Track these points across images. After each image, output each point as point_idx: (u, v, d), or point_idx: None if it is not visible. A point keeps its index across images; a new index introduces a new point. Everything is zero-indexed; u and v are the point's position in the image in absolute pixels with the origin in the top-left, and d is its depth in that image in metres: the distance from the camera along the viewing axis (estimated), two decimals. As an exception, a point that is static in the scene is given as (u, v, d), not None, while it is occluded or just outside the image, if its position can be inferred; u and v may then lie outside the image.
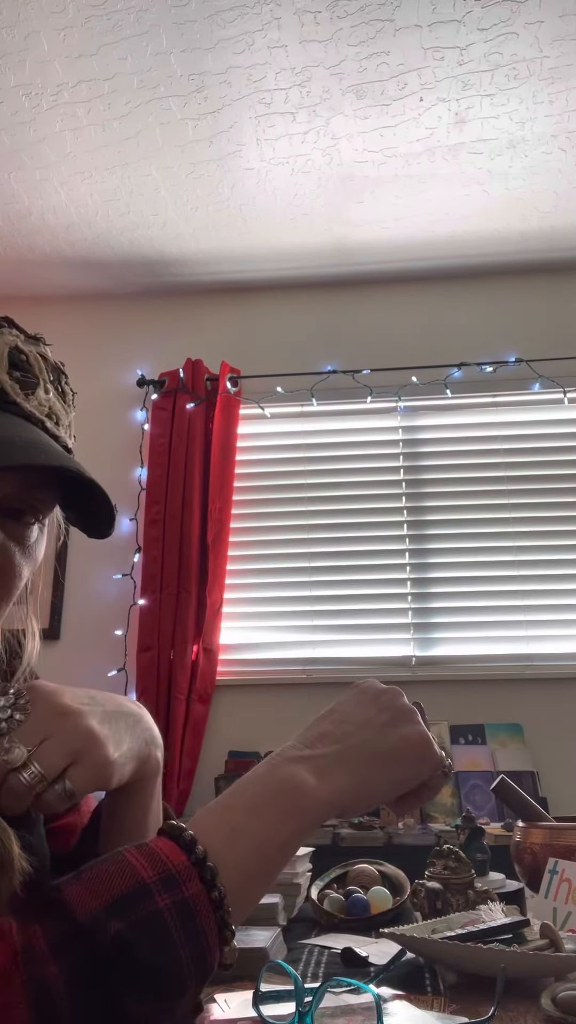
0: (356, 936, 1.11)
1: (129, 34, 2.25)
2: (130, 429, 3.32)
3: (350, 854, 1.75)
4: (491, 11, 2.19)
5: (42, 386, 0.68)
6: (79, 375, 3.39)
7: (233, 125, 2.58)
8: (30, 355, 0.68)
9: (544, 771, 2.72)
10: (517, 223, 3.09)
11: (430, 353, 3.29)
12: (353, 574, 3.09)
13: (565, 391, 3.18)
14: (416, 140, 2.65)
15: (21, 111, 2.50)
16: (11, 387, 0.65)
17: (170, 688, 2.88)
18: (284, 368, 3.31)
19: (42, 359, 0.70)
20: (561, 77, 2.40)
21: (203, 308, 3.50)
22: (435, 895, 1.11)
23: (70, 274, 3.39)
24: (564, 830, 1.20)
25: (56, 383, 0.71)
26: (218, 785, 2.70)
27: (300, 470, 3.25)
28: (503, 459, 3.17)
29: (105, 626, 3.07)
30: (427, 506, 3.16)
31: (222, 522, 3.07)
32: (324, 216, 3.03)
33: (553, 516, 3.08)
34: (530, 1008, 0.76)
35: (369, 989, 0.70)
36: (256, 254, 3.27)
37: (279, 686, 2.96)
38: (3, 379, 0.64)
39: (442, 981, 0.86)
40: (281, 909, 1.15)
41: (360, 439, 3.28)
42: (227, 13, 2.20)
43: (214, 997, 0.80)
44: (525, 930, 0.94)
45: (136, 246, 3.20)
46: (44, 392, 0.68)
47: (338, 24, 2.23)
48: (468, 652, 2.97)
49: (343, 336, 3.38)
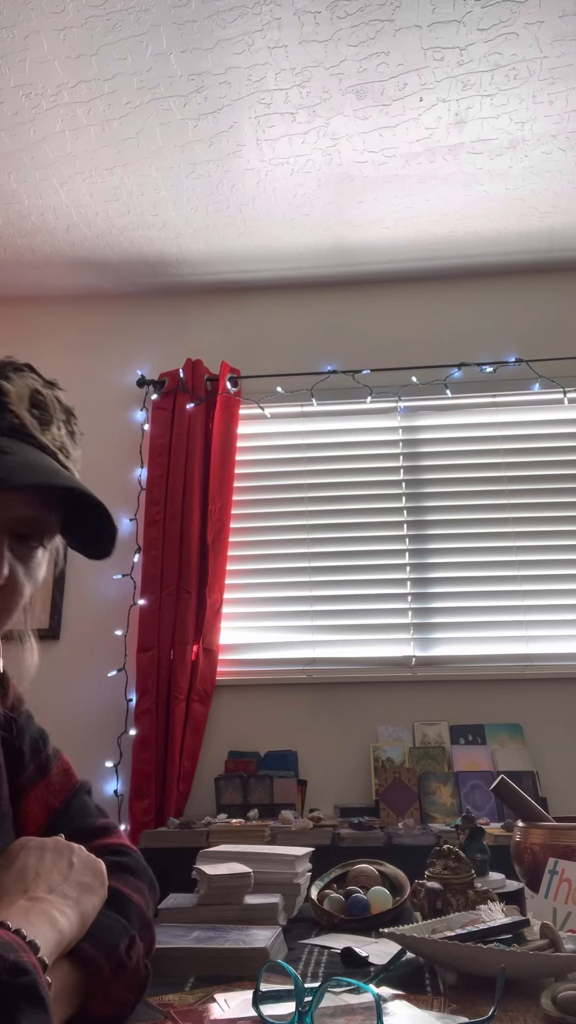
0: (356, 936, 1.11)
1: (129, 34, 2.25)
2: (130, 429, 3.32)
3: (350, 854, 1.75)
4: (491, 11, 2.19)
5: (55, 423, 0.78)
6: (79, 375, 3.41)
7: (233, 125, 2.58)
8: (47, 396, 0.78)
9: (544, 771, 2.72)
10: (517, 223, 3.09)
11: (430, 353, 3.29)
12: (353, 574, 3.09)
13: (565, 391, 3.18)
14: (416, 140, 2.65)
15: (21, 111, 2.50)
16: (31, 422, 0.75)
17: (170, 688, 2.88)
18: (284, 368, 3.31)
19: (57, 401, 0.80)
20: (561, 77, 2.40)
21: (203, 308, 3.50)
22: (435, 895, 1.11)
23: (70, 274, 3.39)
24: (564, 830, 1.20)
25: (67, 423, 0.81)
26: (218, 785, 2.70)
27: (300, 470, 3.25)
28: (503, 459, 3.17)
29: (105, 626, 3.07)
30: (427, 506, 3.16)
31: (222, 522, 3.07)
32: (324, 216, 3.03)
33: (553, 516, 3.08)
34: (530, 1008, 0.76)
35: (369, 989, 0.70)
36: (256, 254, 3.27)
37: (279, 686, 2.96)
38: (24, 415, 0.75)
39: (442, 981, 0.86)
40: (281, 909, 1.15)
41: (360, 439, 3.28)
42: (227, 13, 2.20)
43: (214, 997, 0.80)
44: (525, 930, 0.94)
45: (136, 246, 3.20)
46: (57, 429, 0.78)
47: (338, 24, 2.23)
48: (468, 652, 2.97)
49: (343, 336, 3.38)
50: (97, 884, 0.75)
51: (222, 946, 0.93)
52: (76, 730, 2.90)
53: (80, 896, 0.72)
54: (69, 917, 0.69)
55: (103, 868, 0.77)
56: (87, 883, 0.74)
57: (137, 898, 0.78)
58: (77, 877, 0.74)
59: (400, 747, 2.78)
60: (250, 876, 1.13)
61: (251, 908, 1.11)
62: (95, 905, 0.73)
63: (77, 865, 0.75)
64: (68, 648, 3.07)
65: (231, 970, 0.90)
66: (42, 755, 0.88)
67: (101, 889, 0.75)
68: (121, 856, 0.82)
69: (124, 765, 2.86)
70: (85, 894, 0.73)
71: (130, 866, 0.82)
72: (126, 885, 0.78)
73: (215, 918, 1.08)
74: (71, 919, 0.69)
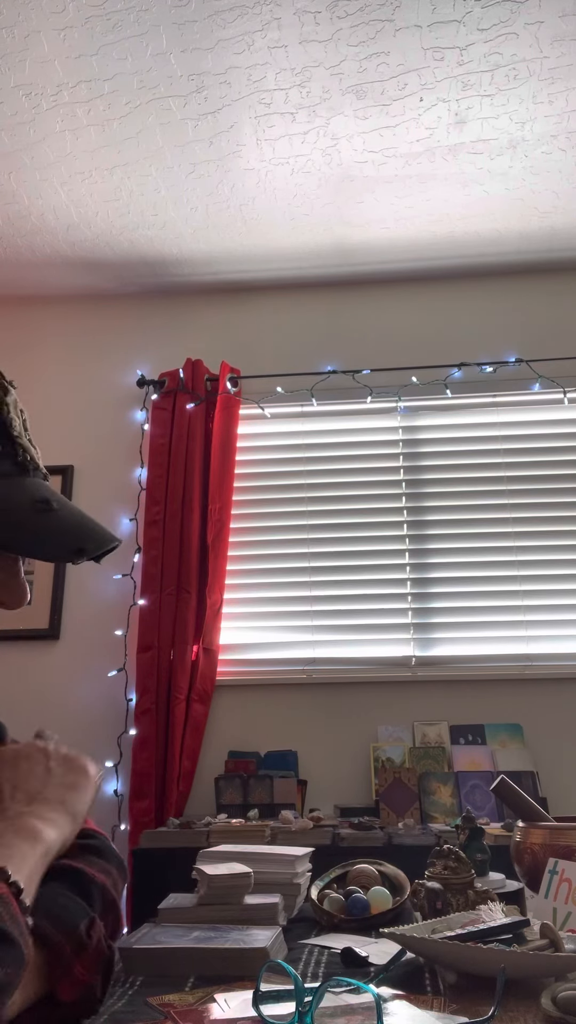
0: (356, 936, 1.11)
1: (129, 34, 2.25)
2: (130, 429, 3.32)
3: (350, 854, 1.75)
4: (491, 11, 2.19)
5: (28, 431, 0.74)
6: (79, 375, 3.41)
7: (233, 125, 2.58)
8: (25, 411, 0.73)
9: (544, 771, 2.72)
10: (517, 223, 3.09)
11: (430, 353, 3.29)
12: (353, 574, 3.09)
13: (565, 391, 3.18)
14: (416, 140, 2.65)
15: (21, 111, 2.50)
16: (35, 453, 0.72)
17: (170, 688, 2.88)
18: (284, 368, 3.31)
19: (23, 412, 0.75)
20: (561, 77, 2.40)
21: (203, 308, 3.50)
22: (435, 895, 1.11)
23: (70, 274, 3.39)
24: (564, 830, 1.20)
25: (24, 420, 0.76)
26: (218, 785, 2.70)
27: (300, 470, 3.25)
28: (503, 459, 3.17)
29: (105, 626, 3.07)
30: (427, 506, 3.16)
31: (222, 522, 3.07)
32: (324, 216, 3.03)
33: (553, 516, 3.08)
34: (530, 1008, 0.76)
35: (369, 989, 0.70)
36: (256, 254, 3.27)
37: (279, 686, 2.96)
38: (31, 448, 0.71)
39: (442, 981, 0.86)
40: (281, 909, 1.15)
41: (360, 439, 3.28)
42: (227, 13, 2.20)
43: (214, 997, 0.80)
44: (525, 930, 0.94)
45: (136, 246, 3.20)
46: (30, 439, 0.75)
47: (338, 24, 2.23)
48: (468, 652, 2.97)
49: (343, 336, 3.38)
50: (82, 779, 0.73)
51: (222, 946, 0.94)
52: (76, 730, 2.91)
53: (66, 795, 0.70)
54: (57, 822, 0.67)
55: (84, 762, 0.75)
56: (71, 781, 0.72)
57: (102, 878, 0.75)
58: (59, 779, 0.72)
59: (400, 747, 2.78)
60: (250, 876, 1.13)
61: (251, 908, 1.11)
62: (85, 801, 0.71)
63: (55, 768, 0.73)
64: (68, 648, 3.07)
65: (231, 970, 0.90)
66: None
67: (87, 782, 0.73)
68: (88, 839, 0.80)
69: (124, 765, 2.86)
70: (71, 792, 0.71)
71: (97, 847, 0.79)
72: (90, 865, 0.76)
73: (215, 918, 1.08)
74: (60, 823, 0.67)
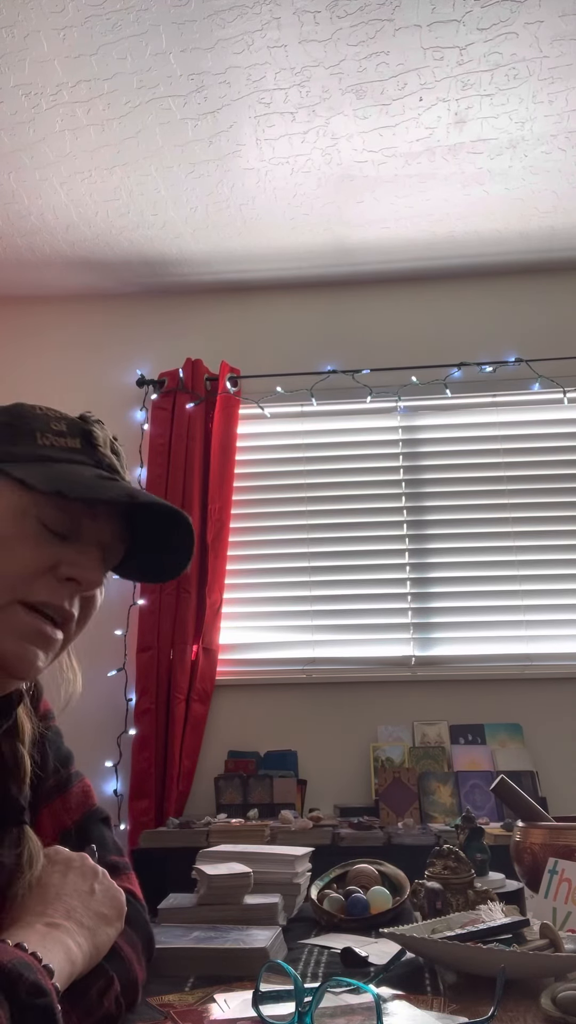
0: (356, 936, 1.11)
1: (128, 34, 2.25)
2: (130, 429, 3.32)
3: (350, 854, 1.75)
4: (491, 11, 2.19)
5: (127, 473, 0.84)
6: (79, 375, 3.40)
7: (233, 125, 2.58)
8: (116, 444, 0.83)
9: (544, 771, 2.72)
10: (517, 223, 3.09)
11: (430, 353, 3.29)
12: (353, 574, 3.09)
13: (565, 391, 3.18)
14: (416, 140, 2.65)
15: (21, 111, 2.50)
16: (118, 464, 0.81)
17: (170, 688, 2.88)
18: (284, 368, 3.31)
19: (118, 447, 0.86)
20: (561, 77, 2.40)
21: (203, 308, 3.50)
22: (435, 895, 1.11)
23: (70, 274, 3.39)
24: (564, 830, 1.20)
25: None
26: (218, 785, 2.70)
27: (300, 470, 3.25)
28: (503, 459, 3.17)
29: (105, 626, 3.06)
30: (427, 506, 3.16)
31: (222, 522, 3.07)
32: (324, 216, 3.03)
33: (553, 516, 3.08)
34: (530, 1008, 0.76)
35: (369, 989, 0.70)
36: (256, 254, 3.27)
37: (279, 686, 2.96)
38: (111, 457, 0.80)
39: (442, 981, 0.86)
40: (281, 909, 1.15)
41: (360, 439, 3.28)
42: (226, 13, 2.20)
43: (214, 997, 0.80)
44: (525, 930, 0.94)
45: (136, 246, 3.20)
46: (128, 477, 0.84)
47: (338, 24, 2.23)
48: (468, 652, 2.97)
49: (343, 336, 3.38)
50: (115, 916, 0.74)
51: (222, 946, 0.93)
52: (76, 730, 2.89)
53: (96, 926, 0.71)
54: (83, 948, 0.68)
55: (123, 899, 0.76)
56: (105, 914, 0.73)
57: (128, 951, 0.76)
58: (97, 906, 0.73)
59: (400, 747, 2.78)
60: (250, 876, 1.13)
61: (251, 908, 1.11)
62: (110, 936, 0.72)
63: (99, 892, 0.74)
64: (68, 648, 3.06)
65: (231, 970, 0.90)
66: (62, 772, 0.88)
67: (118, 921, 0.74)
68: None
69: (124, 765, 2.86)
70: (102, 925, 0.72)
71: (130, 916, 0.79)
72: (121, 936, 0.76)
73: (215, 918, 1.08)
74: (84, 950, 0.68)
